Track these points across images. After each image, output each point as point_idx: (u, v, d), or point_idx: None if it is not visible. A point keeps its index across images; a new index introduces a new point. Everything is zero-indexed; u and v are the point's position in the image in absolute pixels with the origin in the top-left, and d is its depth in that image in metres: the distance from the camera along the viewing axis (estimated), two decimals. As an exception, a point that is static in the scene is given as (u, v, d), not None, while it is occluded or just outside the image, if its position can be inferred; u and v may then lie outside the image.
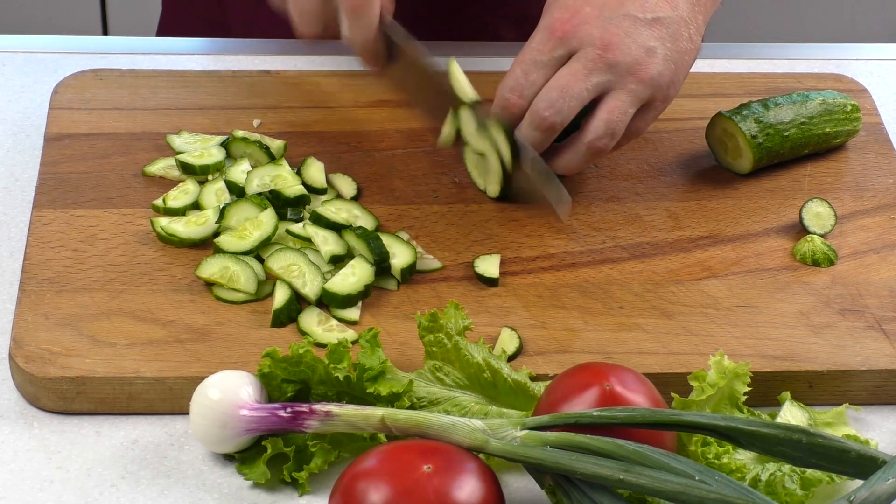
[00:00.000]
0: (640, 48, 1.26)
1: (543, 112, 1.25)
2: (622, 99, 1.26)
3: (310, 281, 1.22)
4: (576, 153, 1.29)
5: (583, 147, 1.28)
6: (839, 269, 1.30)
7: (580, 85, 1.25)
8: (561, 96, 1.25)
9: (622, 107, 1.26)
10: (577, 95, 1.25)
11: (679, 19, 1.28)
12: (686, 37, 1.29)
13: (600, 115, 1.26)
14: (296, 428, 1.07)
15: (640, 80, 1.26)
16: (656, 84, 1.27)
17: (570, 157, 1.29)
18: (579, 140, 1.28)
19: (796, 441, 1.01)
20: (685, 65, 1.29)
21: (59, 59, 1.52)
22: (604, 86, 1.26)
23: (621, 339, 1.21)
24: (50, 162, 1.35)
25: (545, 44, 1.27)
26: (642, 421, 1.03)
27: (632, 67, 1.25)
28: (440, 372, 1.14)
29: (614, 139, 1.27)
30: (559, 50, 1.27)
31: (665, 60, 1.27)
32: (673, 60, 1.27)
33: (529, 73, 1.27)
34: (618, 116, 1.26)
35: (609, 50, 1.25)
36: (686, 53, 1.29)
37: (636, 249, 1.30)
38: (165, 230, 1.26)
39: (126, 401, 1.14)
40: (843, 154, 1.44)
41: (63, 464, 1.10)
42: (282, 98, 1.46)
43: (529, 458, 1.03)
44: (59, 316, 1.18)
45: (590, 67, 1.25)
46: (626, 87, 1.26)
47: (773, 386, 1.18)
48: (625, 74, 1.25)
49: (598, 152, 1.28)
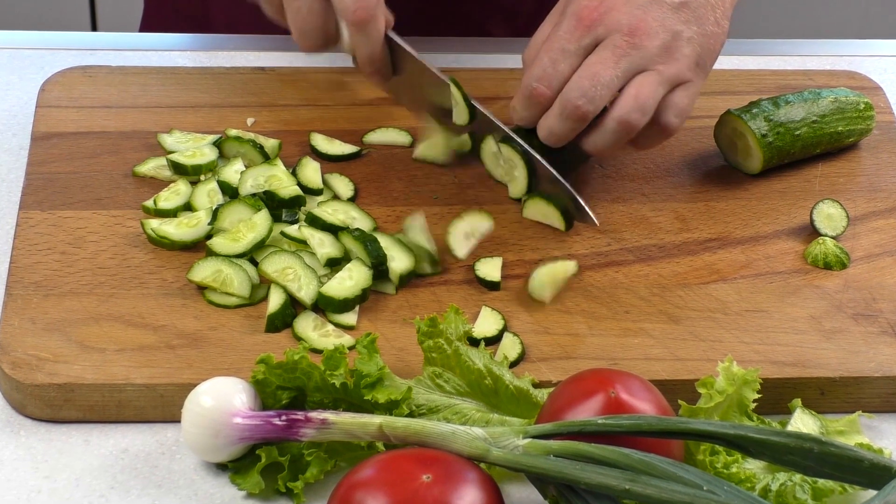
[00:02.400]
0: (667, 33, 1.27)
1: (576, 101, 1.26)
2: (651, 78, 1.28)
3: (305, 284, 1.22)
4: (604, 130, 1.29)
5: (612, 123, 1.28)
6: (852, 272, 1.30)
7: (610, 72, 1.26)
8: (592, 85, 1.26)
9: (651, 85, 1.27)
10: (608, 83, 1.26)
11: (706, 3, 1.30)
12: (713, 21, 1.30)
13: (629, 92, 1.27)
14: (291, 436, 1.07)
15: (667, 63, 1.27)
16: (684, 66, 1.28)
17: (600, 134, 1.29)
18: (609, 115, 1.29)
19: (808, 450, 1.01)
20: (712, 48, 1.31)
21: (46, 55, 1.52)
22: (633, 71, 1.27)
23: (627, 344, 1.21)
24: (37, 162, 1.35)
25: (573, 32, 1.28)
26: (649, 429, 1.03)
27: (659, 52, 1.27)
28: (440, 378, 1.14)
29: (645, 115, 1.28)
30: (587, 38, 1.28)
31: (690, 43, 1.28)
32: (699, 44, 1.29)
33: (557, 62, 1.28)
34: (646, 92, 1.27)
35: (636, 35, 1.26)
36: (713, 37, 1.30)
37: (642, 252, 1.31)
38: (156, 232, 1.26)
39: (115, 408, 1.14)
40: (855, 154, 1.44)
41: (51, 473, 1.10)
42: (276, 96, 1.46)
43: (532, 467, 1.03)
44: (46, 321, 1.18)
45: (618, 54, 1.26)
46: (655, 69, 1.27)
47: (784, 393, 1.18)
48: (653, 59, 1.27)
49: (628, 128, 1.28)
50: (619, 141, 1.29)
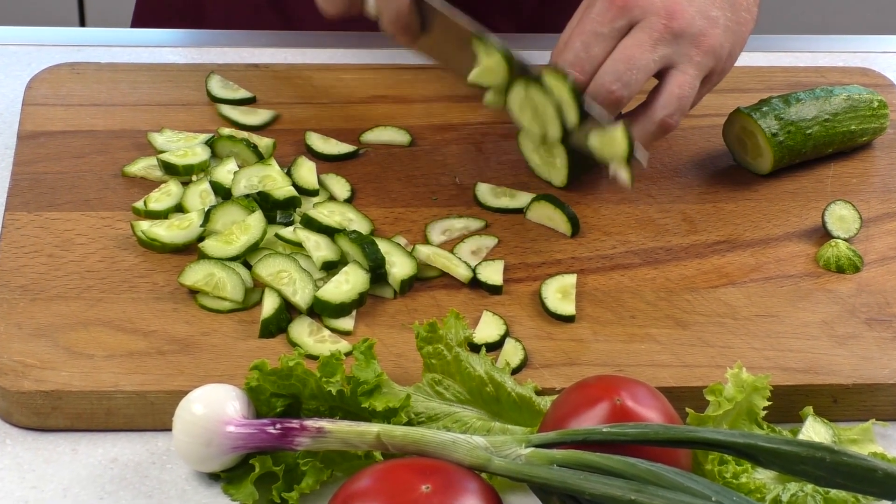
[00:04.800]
0: (702, 17, 1.28)
1: (610, 86, 1.26)
2: (689, 73, 1.28)
3: (300, 288, 1.22)
4: (644, 129, 1.29)
5: (653, 125, 1.28)
6: (865, 275, 1.30)
7: (647, 56, 1.26)
8: (628, 68, 1.26)
9: (691, 81, 1.28)
10: (644, 67, 1.26)
11: None
12: (745, 7, 1.31)
13: (671, 90, 1.28)
14: (285, 445, 1.07)
15: (705, 51, 1.28)
16: (718, 55, 1.29)
17: (638, 133, 1.29)
18: (648, 116, 1.29)
19: (819, 459, 1.01)
20: (743, 36, 1.31)
21: (32, 51, 1.52)
22: (669, 57, 1.28)
23: (633, 350, 1.21)
24: (23, 161, 1.35)
25: (605, 14, 1.28)
26: (655, 438, 1.03)
27: (696, 38, 1.27)
28: (440, 386, 1.14)
29: (684, 115, 1.28)
30: (620, 20, 1.28)
31: (726, 31, 1.29)
32: (732, 31, 1.30)
33: (590, 45, 1.28)
34: (688, 91, 1.28)
35: (674, 19, 1.27)
36: (744, 24, 1.31)
37: (649, 255, 1.31)
38: (147, 234, 1.27)
39: (104, 416, 1.14)
40: (869, 153, 1.44)
41: (38, 483, 1.10)
42: (271, 93, 1.46)
43: (535, 477, 1.03)
44: (33, 326, 1.18)
45: (655, 38, 1.26)
46: (693, 60, 1.28)
47: (795, 401, 1.18)
48: (689, 45, 1.27)
49: (668, 129, 1.29)
50: (656, 140, 1.30)
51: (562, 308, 1.23)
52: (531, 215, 1.33)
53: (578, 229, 1.31)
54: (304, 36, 1.60)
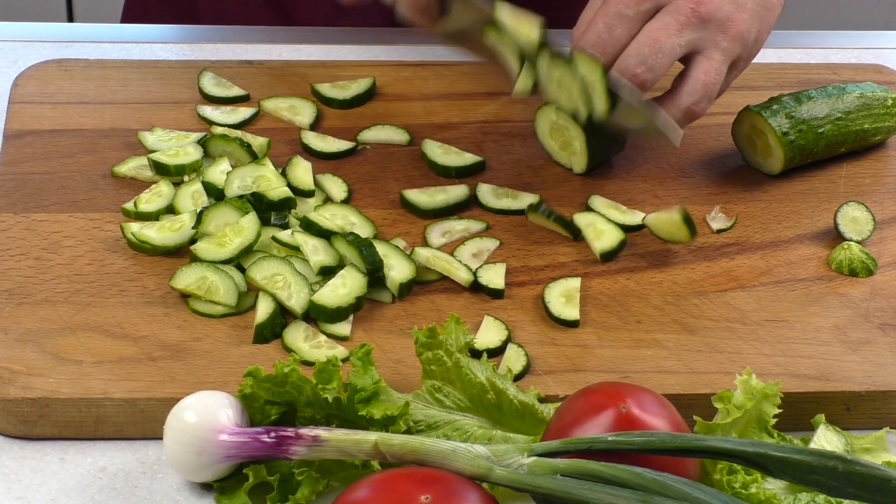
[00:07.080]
0: (730, 2, 1.29)
1: (635, 69, 1.26)
2: (716, 59, 1.28)
3: (296, 292, 1.22)
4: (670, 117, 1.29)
5: (679, 112, 1.29)
6: (878, 279, 1.30)
7: (673, 40, 1.27)
8: (653, 52, 1.27)
9: (718, 67, 1.28)
10: (670, 51, 1.27)
11: None
12: None
13: (697, 77, 1.28)
14: (280, 454, 1.07)
15: (732, 37, 1.28)
16: (745, 41, 1.30)
17: None
18: (674, 103, 1.29)
19: (832, 469, 1.01)
20: (770, 21, 1.32)
21: (19, 47, 1.52)
22: (695, 43, 1.28)
23: (639, 356, 1.21)
24: (10, 161, 1.35)
25: None
26: (662, 447, 1.03)
27: (723, 23, 1.28)
28: (439, 393, 1.14)
29: (711, 103, 1.29)
30: (647, 3, 1.28)
31: (753, 15, 1.29)
32: (760, 16, 1.30)
33: (613, 27, 1.28)
34: (714, 78, 1.28)
35: (701, 3, 1.27)
36: (772, 9, 1.32)
37: (655, 258, 1.31)
38: (137, 237, 1.27)
39: (93, 424, 1.14)
40: (882, 153, 1.45)
41: (24, 494, 1.10)
42: (265, 91, 1.46)
43: (538, 487, 1.03)
44: (19, 331, 1.18)
45: (682, 22, 1.27)
46: (719, 46, 1.28)
47: (807, 408, 1.18)
48: (716, 31, 1.28)
49: (694, 117, 1.29)
50: (682, 127, 1.30)
51: (565, 313, 1.23)
52: (534, 217, 1.33)
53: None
54: (299, 32, 1.60)
